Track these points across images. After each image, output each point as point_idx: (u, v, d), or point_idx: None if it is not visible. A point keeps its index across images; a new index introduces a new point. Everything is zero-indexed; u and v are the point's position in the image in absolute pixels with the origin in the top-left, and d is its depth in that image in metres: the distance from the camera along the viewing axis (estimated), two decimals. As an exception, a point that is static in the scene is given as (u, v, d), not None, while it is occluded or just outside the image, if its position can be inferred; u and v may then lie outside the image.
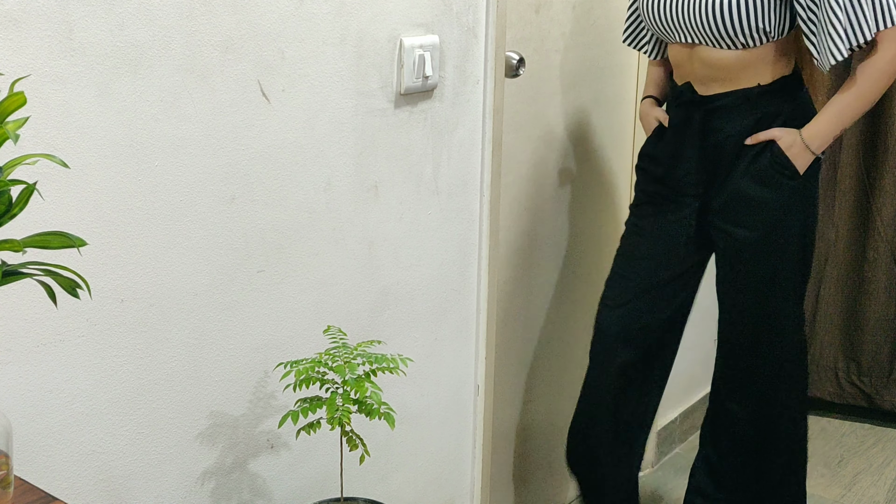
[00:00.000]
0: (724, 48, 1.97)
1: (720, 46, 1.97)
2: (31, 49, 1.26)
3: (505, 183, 2.18)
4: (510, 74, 2.15)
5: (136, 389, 1.47)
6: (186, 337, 1.53)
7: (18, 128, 0.96)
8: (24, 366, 1.33)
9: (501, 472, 2.43)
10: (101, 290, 1.39)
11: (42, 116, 1.28)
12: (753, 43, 1.95)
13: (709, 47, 1.99)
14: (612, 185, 2.68)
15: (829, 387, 3.32)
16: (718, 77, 2.02)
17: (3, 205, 0.96)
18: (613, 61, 2.56)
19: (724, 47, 1.97)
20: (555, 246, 2.50)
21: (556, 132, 2.42)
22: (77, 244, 0.98)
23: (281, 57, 1.58)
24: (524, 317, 2.44)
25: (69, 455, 1.41)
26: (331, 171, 1.71)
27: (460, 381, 2.11)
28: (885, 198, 3.15)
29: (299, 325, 1.71)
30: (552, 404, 2.61)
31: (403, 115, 1.83)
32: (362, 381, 1.51)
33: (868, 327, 3.24)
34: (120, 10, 1.35)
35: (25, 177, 1.05)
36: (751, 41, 1.95)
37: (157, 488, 1.54)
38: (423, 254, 1.94)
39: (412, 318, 1.95)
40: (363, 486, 1.88)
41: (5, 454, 1.04)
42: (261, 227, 1.61)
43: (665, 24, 2.02)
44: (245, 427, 1.66)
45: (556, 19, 2.33)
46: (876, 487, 2.90)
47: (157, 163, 1.43)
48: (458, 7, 1.90)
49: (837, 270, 3.27)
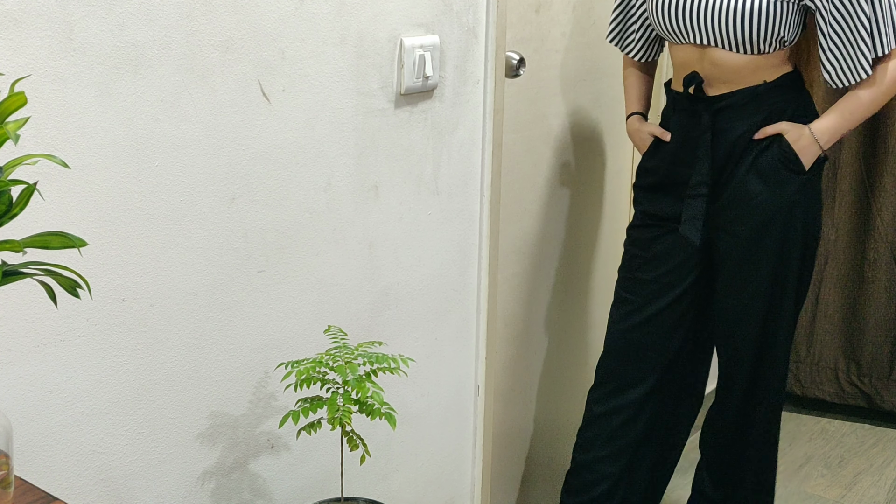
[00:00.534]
0: (738, 52, 1.97)
1: (735, 50, 1.97)
2: (31, 49, 1.26)
3: (505, 183, 2.18)
4: (510, 74, 2.15)
5: (136, 389, 1.47)
6: (187, 337, 1.53)
7: (19, 128, 0.96)
8: (25, 366, 1.33)
9: (501, 472, 2.43)
10: (101, 290, 1.39)
11: (42, 116, 1.28)
12: (769, 49, 1.96)
13: (722, 49, 1.98)
14: (612, 186, 2.68)
15: (828, 387, 3.32)
16: (727, 78, 2.01)
17: (4, 205, 0.96)
18: (614, 61, 2.56)
19: (741, 51, 1.97)
20: (555, 246, 2.50)
21: (557, 132, 2.42)
22: (77, 244, 0.98)
23: (281, 57, 1.58)
24: (524, 317, 2.44)
25: (69, 455, 1.41)
26: (331, 172, 1.71)
27: (460, 381, 2.11)
28: (885, 198, 3.15)
29: (300, 325, 1.71)
30: (552, 404, 2.61)
31: (404, 116, 1.83)
32: (363, 381, 1.51)
33: (868, 328, 3.24)
34: (120, 10, 1.35)
35: (26, 177, 1.05)
36: (767, 47, 1.96)
37: (158, 488, 1.54)
38: (423, 254, 1.94)
39: (412, 318, 1.95)
40: (363, 486, 1.88)
41: (5, 454, 1.04)
42: (261, 227, 1.61)
43: (679, 24, 2.00)
44: (245, 427, 1.66)
45: (557, 19, 2.33)
46: (876, 488, 2.90)
47: (158, 163, 1.43)
48: (459, 7, 1.90)
49: (837, 271, 3.27)
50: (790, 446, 3.13)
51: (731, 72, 2.00)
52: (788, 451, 3.10)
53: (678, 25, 2.00)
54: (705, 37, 1.98)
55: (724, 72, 2.01)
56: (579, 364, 2.71)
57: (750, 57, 1.97)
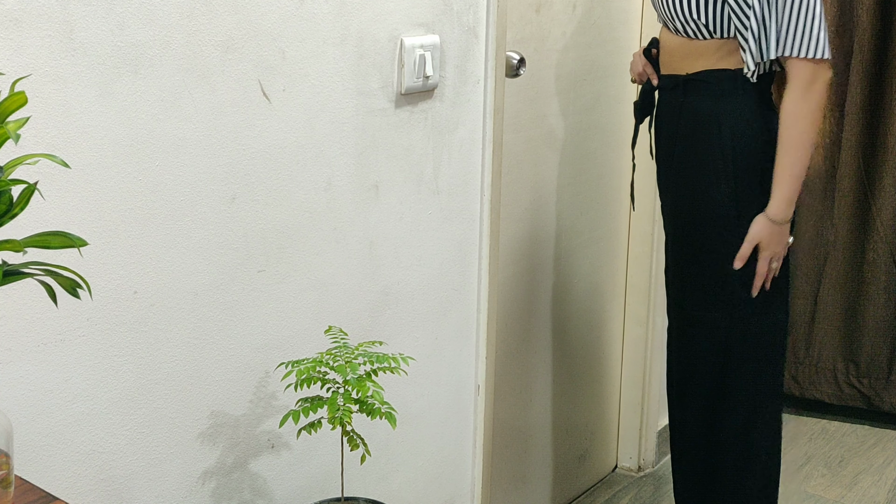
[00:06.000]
0: (674, 33, 2.06)
1: (671, 31, 2.06)
2: (31, 49, 1.26)
3: (505, 183, 2.18)
4: (511, 74, 2.15)
5: (136, 389, 1.47)
6: (187, 337, 1.53)
7: (19, 128, 0.96)
8: (25, 366, 1.33)
9: (501, 472, 2.43)
10: (101, 289, 1.39)
11: (43, 116, 1.28)
12: (695, 35, 2.01)
13: (666, 30, 2.09)
14: (612, 186, 2.68)
15: (827, 388, 3.32)
16: (664, 60, 2.12)
17: (4, 205, 0.96)
18: (614, 61, 2.57)
19: (673, 32, 2.06)
20: (555, 246, 2.50)
21: (557, 132, 2.42)
22: (77, 244, 0.98)
23: (282, 57, 1.58)
24: (524, 316, 2.44)
25: (69, 455, 1.41)
26: (331, 171, 1.71)
27: (461, 381, 2.11)
28: (885, 198, 3.15)
29: (300, 324, 1.71)
30: (552, 404, 2.61)
31: (404, 115, 1.83)
32: (363, 380, 1.51)
33: (867, 329, 3.24)
34: (120, 10, 1.34)
35: (26, 177, 1.05)
36: (692, 32, 2.01)
37: (158, 488, 1.53)
38: (423, 253, 1.94)
39: (413, 317, 1.95)
40: (364, 486, 1.88)
41: (6, 454, 1.04)
42: (261, 227, 1.61)
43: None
44: (246, 427, 1.66)
45: (557, 19, 2.33)
46: (877, 487, 2.90)
47: (158, 162, 1.43)
48: (459, 7, 1.90)
49: (836, 271, 3.26)
50: (790, 446, 3.13)
51: (666, 52, 2.10)
52: (789, 451, 3.10)
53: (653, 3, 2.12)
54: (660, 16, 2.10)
55: (664, 54, 2.11)
56: (579, 364, 2.71)
57: (681, 41, 2.04)
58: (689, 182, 2.07)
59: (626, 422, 2.94)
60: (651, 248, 2.78)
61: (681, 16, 1.99)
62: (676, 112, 2.08)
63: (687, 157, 2.07)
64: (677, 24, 2.01)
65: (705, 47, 2.01)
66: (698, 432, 2.21)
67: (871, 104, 3.14)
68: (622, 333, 2.87)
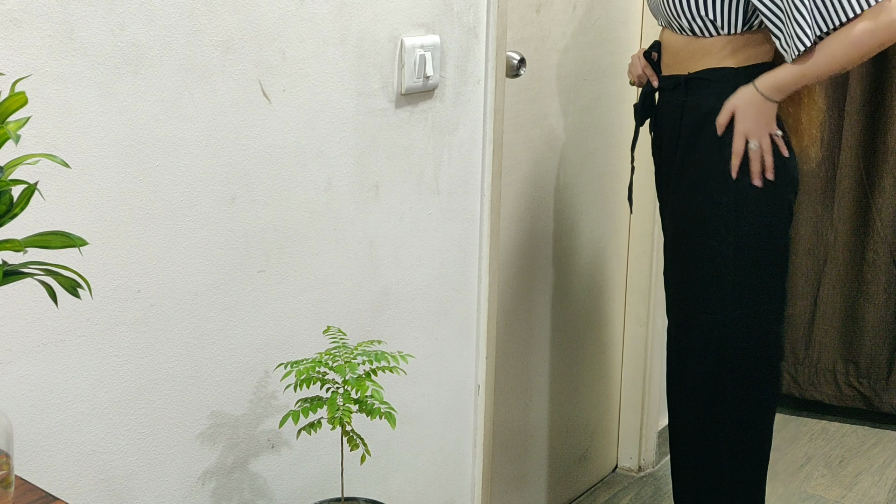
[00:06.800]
0: (677, 33, 2.04)
1: (675, 31, 2.04)
2: (32, 49, 1.26)
3: (505, 183, 2.18)
4: (511, 74, 2.15)
5: (136, 389, 1.47)
6: (187, 337, 1.53)
7: (20, 128, 0.96)
8: (25, 366, 1.33)
9: (501, 472, 2.43)
10: (101, 289, 1.39)
11: (43, 116, 1.28)
12: (701, 32, 1.99)
13: (668, 30, 2.07)
14: (612, 186, 2.68)
15: (827, 389, 3.32)
16: (667, 62, 2.10)
17: (5, 204, 0.96)
18: (614, 61, 2.57)
19: (677, 31, 2.04)
20: (555, 246, 2.50)
21: (557, 132, 2.42)
22: (78, 244, 0.98)
23: (282, 57, 1.58)
24: (524, 316, 2.44)
25: (70, 455, 1.41)
26: (331, 171, 1.71)
27: (461, 381, 2.11)
28: (885, 198, 3.15)
29: (300, 324, 1.71)
30: (552, 404, 2.61)
31: (404, 115, 1.83)
32: (363, 380, 1.51)
33: (867, 329, 3.24)
34: (121, 10, 1.34)
35: (26, 176, 1.05)
36: (697, 29, 1.99)
37: (158, 488, 1.54)
38: (423, 254, 1.94)
39: (413, 317, 1.95)
40: (364, 486, 1.88)
41: (6, 454, 1.04)
42: (261, 227, 1.61)
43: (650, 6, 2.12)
44: (246, 427, 1.66)
45: (557, 19, 2.33)
46: (877, 488, 2.90)
47: (158, 162, 1.43)
48: (459, 7, 1.90)
49: (836, 272, 3.26)
50: (790, 446, 3.13)
51: (669, 53, 2.09)
52: (789, 451, 3.10)
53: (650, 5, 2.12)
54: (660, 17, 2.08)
55: (666, 54, 2.10)
56: (579, 364, 2.71)
57: (686, 39, 2.03)
58: (690, 181, 2.07)
59: (627, 422, 2.94)
60: (651, 248, 2.78)
61: (687, 13, 1.98)
62: (678, 111, 2.07)
63: (688, 156, 2.07)
64: (683, 23, 2.00)
65: (711, 45, 2.00)
66: (696, 433, 2.21)
67: (871, 104, 3.14)
68: (622, 333, 2.87)
